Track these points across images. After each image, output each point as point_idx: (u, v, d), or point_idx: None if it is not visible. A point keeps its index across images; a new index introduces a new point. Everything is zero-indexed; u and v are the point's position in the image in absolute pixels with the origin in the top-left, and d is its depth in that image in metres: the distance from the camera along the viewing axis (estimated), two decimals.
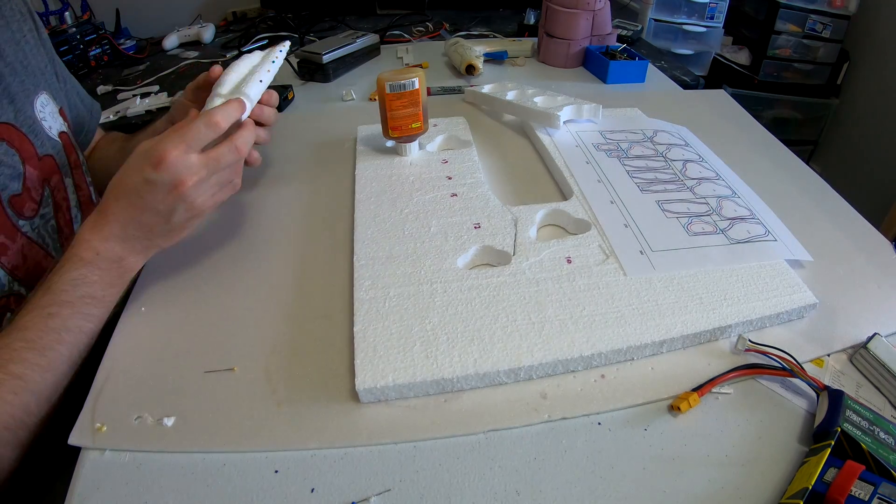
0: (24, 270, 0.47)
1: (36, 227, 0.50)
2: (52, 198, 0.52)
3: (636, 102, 0.79)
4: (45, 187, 0.51)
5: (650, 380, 0.40)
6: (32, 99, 0.52)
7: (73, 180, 0.56)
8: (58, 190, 0.53)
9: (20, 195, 0.48)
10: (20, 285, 0.47)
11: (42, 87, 0.55)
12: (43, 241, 0.50)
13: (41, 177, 0.51)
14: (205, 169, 0.42)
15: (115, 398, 0.39)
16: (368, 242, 0.50)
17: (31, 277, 0.48)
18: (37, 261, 0.49)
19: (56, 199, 0.53)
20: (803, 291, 0.45)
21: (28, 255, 0.48)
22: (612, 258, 0.48)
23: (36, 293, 0.40)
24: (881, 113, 1.76)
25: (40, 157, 0.51)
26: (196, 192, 0.42)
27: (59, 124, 0.55)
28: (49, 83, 0.57)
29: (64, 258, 0.41)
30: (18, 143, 0.49)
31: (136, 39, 1.18)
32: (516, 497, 0.33)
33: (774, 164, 0.67)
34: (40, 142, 0.51)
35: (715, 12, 1.68)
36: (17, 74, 0.51)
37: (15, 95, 0.50)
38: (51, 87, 0.56)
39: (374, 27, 1.17)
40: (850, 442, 0.34)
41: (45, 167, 0.52)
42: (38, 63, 0.56)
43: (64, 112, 0.58)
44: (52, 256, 0.51)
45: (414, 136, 0.63)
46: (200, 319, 0.45)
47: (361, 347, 0.40)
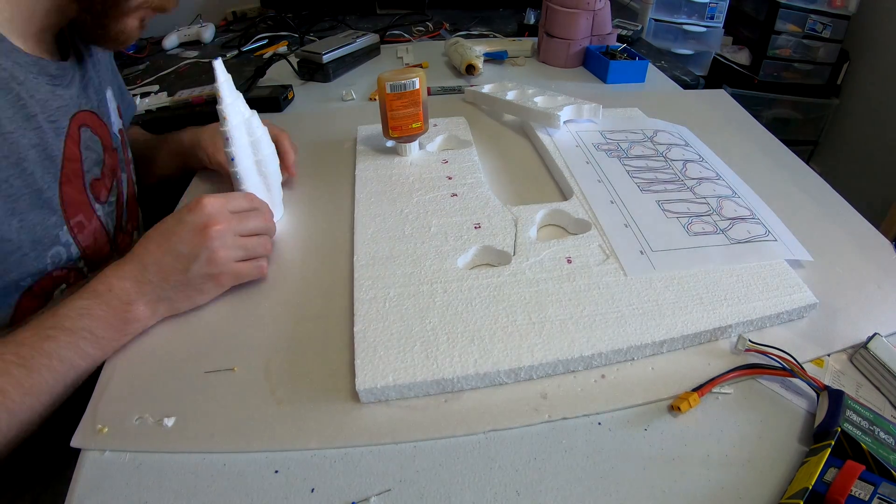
0: (93, 250, 0.50)
1: (106, 213, 0.52)
2: (118, 188, 0.55)
3: (636, 102, 0.79)
4: (114, 177, 0.54)
5: (650, 380, 0.40)
6: (105, 94, 0.55)
7: (126, 175, 0.58)
8: (120, 182, 0.56)
9: (100, 179, 0.51)
10: (84, 263, 0.49)
11: (108, 83, 0.57)
12: (108, 226, 0.52)
13: (112, 166, 0.53)
14: (234, 220, 0.45)
15: (116, 399, 0.39)
16: (368, 242, 0.50)
17: (95, 257, 0.50)
18: (100, 245, 0.51)
19: (119, 190, 0.55)
20: (803, 291, 0.45)
21: (98, 237, 0.51)
22: (612, 258, 0.48)
23: (44, 312, 0.40)
24: (881, 113, 1.76)
25: (113, 147, 0.54)
26: (220, 240, 0.43)
27: (118, 121, 0.58)
28: (112, 80, 0.59)
29: (81, 287, 0.42)
30: (101, 131, 0.52)
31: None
32: (516, 497, 0.33)
33: (774, 164, 0.67)
34: (112, 134, 0.54)
35: (715, 12, 1.68)
36: (93, 70, 0.54)
37: (97, 87, 0.53)
38: (113, 85, 0.59)
39: (374, 27, 1.17)
40: (850, 442, 0.34)
41: (114, 158, 0.54)
42: (106, 59, 0.58)
43: (120, 110, 0.60)
44: (110, 243, 0.53)
45: (414, 136, 0.63)
46: (201, 320, 0.45)
47: (362, 347, 0.40)
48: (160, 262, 0.42)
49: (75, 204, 0.47)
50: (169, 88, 0.96)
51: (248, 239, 0.46)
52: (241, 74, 1.02)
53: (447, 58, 1.01)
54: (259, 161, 0.52)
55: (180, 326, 0.45)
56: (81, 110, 0.49)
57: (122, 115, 0.60)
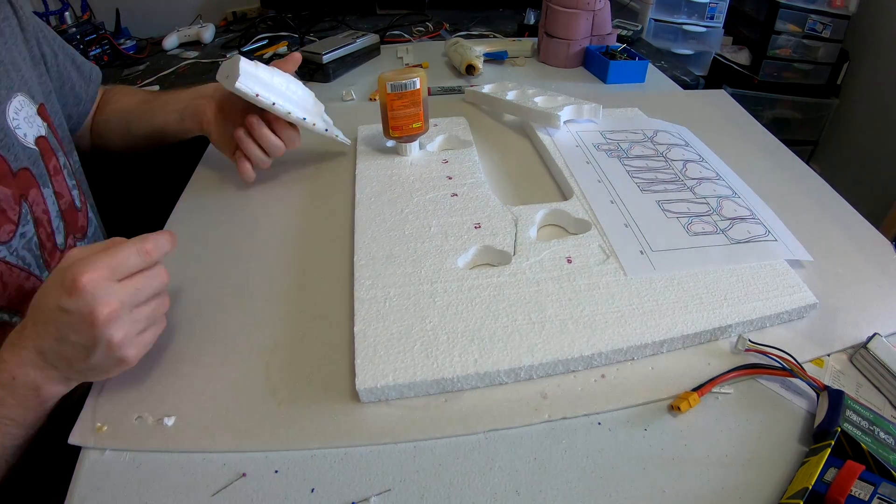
0: (6, 297, 0.45)
1: (14, 250, 0.46)
2: (32, 213, 0.48)
3: (636, 102, 0.79)
4: (23, 203, 0.47)
5: (650, 380, 0.40)
6: (5, 106, 0.48)
7: (53, 188, 0.52)
8: (36, 203, 0.49)
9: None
10: (2, 312, 0.45)
11: (17, 87, 0.50)
12: (24, 261, 0.47)
13: (17, 193, 0.47)
14: (123, 293, 0.37)
15: (115, 398, 0.39)
16: (369, 242, 0.50)
17: (14, 301, 0.46)
18: (18, 284, 0.46)
19: (35, 214, 0.49)
20: (803, 291, 0.45)
21: (8, 280, 0.45)
22: (612, 258, 0.48)
23: None
24: (881, 113, 1.76)
25: (15, 172, 0.47)
26: (114, 327, 0.36)
27: (37, 128, 0.51)
28: (26, 80, 0.52)
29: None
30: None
31: (136, 39, 1.18)
32: (516, 497, 0.33)
33: (774, 164, 0.67)
34: (14, 155, 0.47)
35: (715, 12, 1.68)
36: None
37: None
38: (28, 85, 0.52)
39: (374, 27, 1.17)
40: (850, 442, 0.34)
41: (20, 183, 0.47)
42: (15, 58, 0.51)
43: (44, 110, 0.54)
44: (34, 276, 0.48)
45: (414, 136, 0.63)
46: (201, 320, 0.45)
47: (362, 347, 0.40)
48: (57, 351, 0.37)
49: None
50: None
51: (144, 307, 0.39)
52: None
53: (447, 58, 1.01)
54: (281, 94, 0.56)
55: (180, 326, 0.45)
56: None
57: (47, 115, 0.53)
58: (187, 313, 0.46)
